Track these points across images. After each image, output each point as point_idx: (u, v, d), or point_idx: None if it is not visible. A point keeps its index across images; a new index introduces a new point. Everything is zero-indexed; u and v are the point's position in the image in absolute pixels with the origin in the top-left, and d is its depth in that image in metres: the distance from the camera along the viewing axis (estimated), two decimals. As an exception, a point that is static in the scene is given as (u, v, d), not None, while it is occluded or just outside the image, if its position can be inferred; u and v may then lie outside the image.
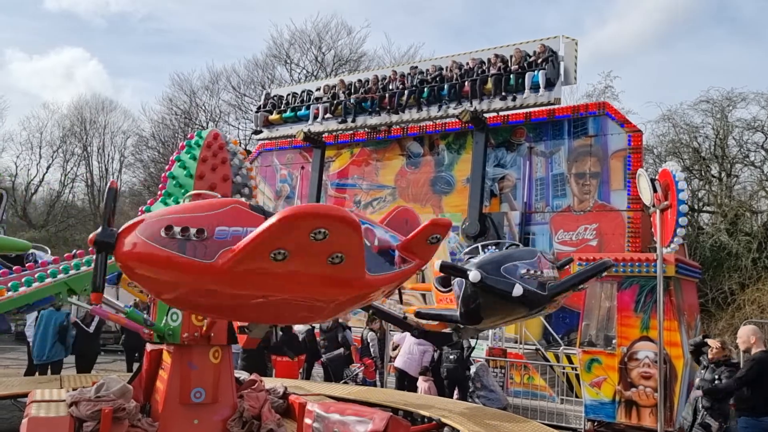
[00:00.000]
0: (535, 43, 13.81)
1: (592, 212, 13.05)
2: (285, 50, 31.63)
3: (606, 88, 23.05)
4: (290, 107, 17.35)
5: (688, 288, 10.22)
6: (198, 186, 5.14)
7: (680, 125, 20.59)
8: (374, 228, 3.95)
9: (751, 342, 6.57)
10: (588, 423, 9.49)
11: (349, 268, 3.30)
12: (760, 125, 19.32)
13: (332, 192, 16.79)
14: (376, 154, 16.23)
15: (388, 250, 3.93)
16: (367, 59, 31.14)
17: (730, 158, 20.01)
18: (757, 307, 15.91)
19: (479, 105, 14.02)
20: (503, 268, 4.93)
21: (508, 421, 6.18)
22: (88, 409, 4.49)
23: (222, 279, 3.34)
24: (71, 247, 29.39)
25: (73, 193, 37.06)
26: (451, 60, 14.92)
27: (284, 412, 5.56)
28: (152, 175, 32.25)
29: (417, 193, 15.37)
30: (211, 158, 5.21)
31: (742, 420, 6.43)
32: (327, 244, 3.13)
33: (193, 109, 33.12)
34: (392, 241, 4.04)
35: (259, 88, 30.42)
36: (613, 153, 13.01)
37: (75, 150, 36.03)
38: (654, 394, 8.48)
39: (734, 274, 17.15)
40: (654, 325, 7.92)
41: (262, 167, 18.08)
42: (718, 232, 18.61)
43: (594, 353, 9.51)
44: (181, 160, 5.26)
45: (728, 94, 19.57)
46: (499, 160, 14.41)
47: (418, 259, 3.99)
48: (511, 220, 13.83)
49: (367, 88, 15.81)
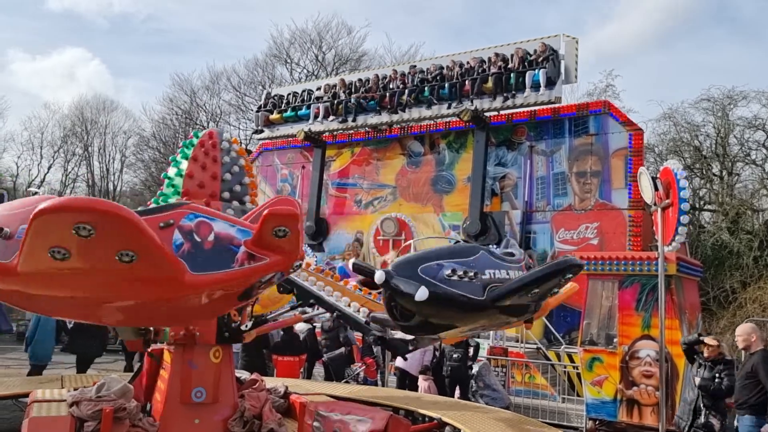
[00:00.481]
0: (536, 42, 13.79)
1: (593, 211, 13.04)
2: (285, 50, 31.67)
3: (607, 87, 23.05)
4: (291, 107, 17.34)
5: (690, 286, 10.21)
6: (187, 184, 5.13)
7: (681, 124, 20.61)
8: (212, 221, 3.65)
9: (752, 340, 6.57)
10: (589, 422, 9.48)
11: (146, 266, 3.12)
12: (761, 123, 19.32)
13: (333, 191, 16.79)
14: (377, 153, 16.22)
15: (226, 246, 3.63)
16: (368, 59, 31.17)
17: (731, 157, 20.01)
18: (758, 306, 15.90)
19: (480, 104, 14.01)
20: (422, 267, 4.17)
21: (509, 420, 6.17)
22: (89, 408, 4.49)
23: (19, 280, 3.24)
24: (72, 247, 29.51)
25: (74, 193, 37.08)
26: (451, 59, 14.91)
27: (285, 412, 5.55)
28: (153, 175, 32.28)
29: (418, 192, 15.36)
30: (203, 157, 5.19)
31: (747, 419, 6.41)
32: (101, 240, 2.96)
33: (193, 109, 33.17)
34: (238, 236, 3.70)
35: (259, 87, 30.43)
36: (614, 152, 13.00)
37: (76, 150, 36.13)
38: (655, 393, 8.46)
39: (735, 272, 17.14)
40: (655, 324, 7.91)
41: (263, 167, 18.09)
42: (719, 230, 18.61)
43: (595, 352, 9.50)
44: (175, 160, 5.26)
45: (729, 92, 19.59)
46: (499, 159, 14.40)
47: (276, 255, 3.62)
48: (512, 219, 13.82)
49: (368, 88, 15.80)
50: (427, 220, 14.91)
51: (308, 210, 16.60)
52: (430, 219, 14.93)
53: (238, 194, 5.19)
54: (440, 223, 14.81)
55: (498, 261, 4.56)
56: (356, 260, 4.88)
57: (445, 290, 3.99)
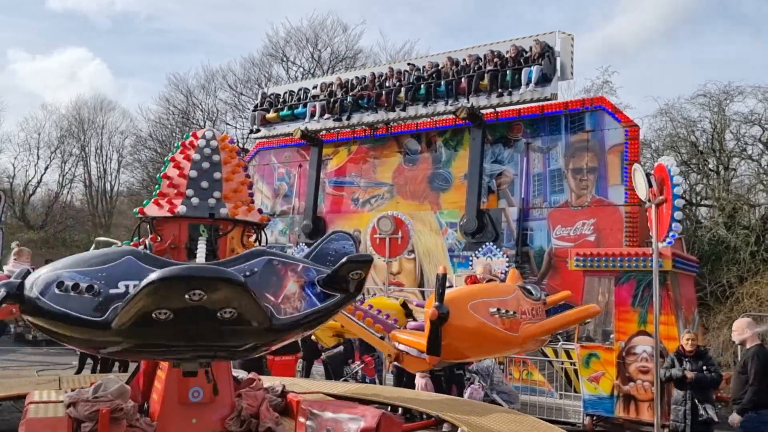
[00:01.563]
0: (531, 39, 13.80)
1: (589, 207, 13.06)
2: (281, 48, 31.63)
3: (604, 84, 23.05)
4: (287, 105, 17.34)
5: (686, 282, 10.24)
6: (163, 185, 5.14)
7: (678, 119, 20.61)
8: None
9: (746, 335, 6.61)
10: (587, 418, 9.52)
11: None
12: (757, 119, 19.32)
13: (330, 190, 16.80)
14: (374, 151, 16.23)
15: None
16: (363, 56, 31.14)
17: (728, 152, 20.02)
18: (755, 300, 15.93)
19: (476, 101, 14.02)
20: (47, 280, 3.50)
21: (507, 417, 6.19)
22: (86, 409, 4.51)
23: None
24: (70, 248, 29.42)
25: (71, 193, 37.07)
26: (447, 56, 14.91)
27: (282, 411, 5.57)
28: (150, 175, 32.23)
29: (415, 190, 15.38)
30: (179, 157, 5.17)
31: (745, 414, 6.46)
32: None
33: (190, 109, 33.11)
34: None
35: (255, 86, 30.40)
36: (610, 148, 13.02)
37: (73, 150, 36.02)
38: (652, 389, 8.50)
39: (732, 267, 17.16)
40: (651, 320, 7.93)
41: (260, 166, 18.10)
42: (716, 225, 18.64)
43: (592, 348, 9.54)
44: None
45: (725, 87, 19.58)
46: (496, 157, 14.42)
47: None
48: (509, 216, 13.85)
49: (364, 86, 15.81)
50: (424, 218, 14.94)
51: (305, 209, 16.62)
52: (428, 217, 14.95)
53: (206, 191, 5.06)
54: (437, 220, 14.84)
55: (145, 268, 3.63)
56: None
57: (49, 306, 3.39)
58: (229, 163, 5.19)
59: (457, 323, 4.50)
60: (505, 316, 4.68)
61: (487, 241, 13.53)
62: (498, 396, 9.37)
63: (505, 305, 4.80)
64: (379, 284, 14.44)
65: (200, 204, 4.93)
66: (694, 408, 7.13)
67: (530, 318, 5.01)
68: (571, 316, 5.64)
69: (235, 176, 5.17)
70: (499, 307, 4.70)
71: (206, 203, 4.95)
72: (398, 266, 15.04)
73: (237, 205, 5.07)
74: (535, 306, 5.17)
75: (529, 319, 4.99)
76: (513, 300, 4.87)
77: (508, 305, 4.85)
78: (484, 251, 13.15)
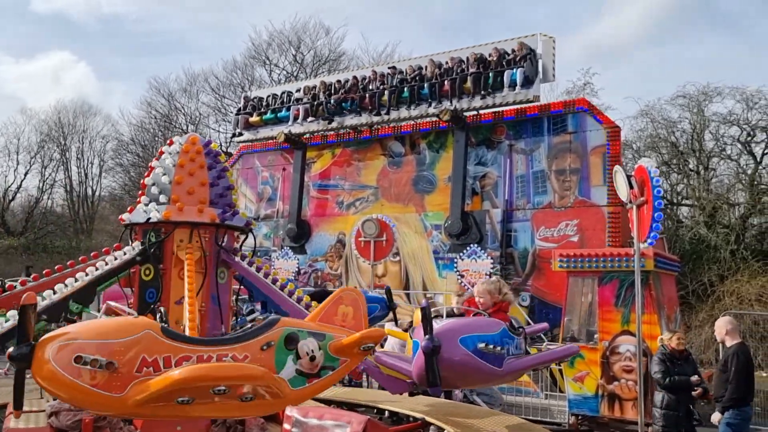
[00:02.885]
0: (513, 42, 13.90)
1: (572, 208, 13.16)
2: (264, 51, 31.55)
3: (585, 85, 23.27)
4: (270, 109, 17.29)
5: (668, 281, 10.36)
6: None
7: (658, 120, 20.90)
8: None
9: (724, 333, 6.70)
10: (572, 417, 9.58)
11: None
12: (735, 119, 19.64)
13: (314, 193, 16.77)
14: (358, 154, 16.23)
15: None
16: (347, 58, 31.18)
17: (707, 152, 20.31)
18: (736, 298, 16.17)
19: (459, 104, 14.09)
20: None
21: (492, 418, 6.22)
22: (69, 419, 4.46)
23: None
24: (51, 254, 29.09)
25: (51, 199, 36.63)
26: (430, 59, 14.97)
27: (268, 416, 5.56)
28: (132, 179, 31.97)
29: (399, 192, 15.40)
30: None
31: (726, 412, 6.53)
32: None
33: (172, 113, 32.89)
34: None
35: (238, 89, 30.28)
36: (592, 149, 13.14)
37: (53, 155, 35.61)
38: (635, 387, 8.58)
39: (713, 266, 17.41)
40: (634, 319, 8.01)
41: (243, 169, 18.01)
42: (696, 225, 18.91)
43: (577, 348, 9.60)
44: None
45: (704, 88, 19.89)
46: (479, 158, 14.49)
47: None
48: (492, 218, 13.91)
49: (348, 89, 15.81)
50: (409, 221, 14.96)
51: (290, 212, 16.57)
52: (412, 219, 14.97)
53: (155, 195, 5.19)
54: (422, 223, 14.86)
55: None
56: None
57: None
58: (185, 166, 5.23)
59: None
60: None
61: (472, 243, 13.59)
62: (478, 398, 9.41)
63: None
64: (364, 287, 14.43)
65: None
66: (689, 412, 7.11)
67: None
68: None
69: (190, 178, 5.20)
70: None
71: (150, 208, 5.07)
72: (383, 269, 15.05)
73: (180, 207, 5.09)
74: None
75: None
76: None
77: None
78: (469, 253, 13.20)
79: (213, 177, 5.38)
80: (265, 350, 3.69)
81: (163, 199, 5.14)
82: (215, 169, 5.42)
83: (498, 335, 4.96)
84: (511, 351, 5.09)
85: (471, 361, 4.66)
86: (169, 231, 5.13)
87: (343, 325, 4.08)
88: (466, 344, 4.67)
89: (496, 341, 4.89)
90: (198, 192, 5.21)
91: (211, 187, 5.32)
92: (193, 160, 5.30)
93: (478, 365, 4.73)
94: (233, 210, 5.42)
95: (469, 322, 5.12)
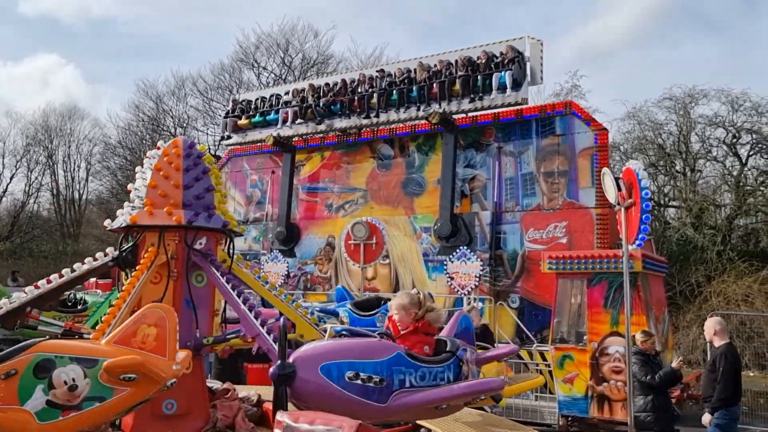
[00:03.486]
0: (501, 44, 13.97)
1: (561, 210, 13.23)
2: (252, 54, 31.47)
3: (573, 88, 23.42)
4: (259, 112, 17.26)
5: (656, 282, 10.44)
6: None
7: (645, 122, 21.07)
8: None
9: (712, 334, 6.76)
10: (562, 419, 9.62)
11: None
12: (721, 121, 19.83)
13: (303, 196, 16.74)
14: (347, 157, 16.23)
15: None
16: (335, 61, 31.17)
17: (693, 154, 20.50)
18: (722, 299, 16.31)
19: (448, 106, 14.12)
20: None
21: (482, 420, 6.22)
22: (56, 425, 4.41)
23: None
24: (37, 259, 28.84)
25: (38, 203, 36.29)
26: (418, 62, 15.00)
27: (258, 420, 5.52)
28: (120, 183, 31.74)
29: (389, 195, 15.41)
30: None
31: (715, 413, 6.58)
32: None
33: (160, 116, 32.71)
34: None
35: (226, 92, 30.19)
36: (580, 151, 13.21)
37: (39, 159, 35.30)
38: (624, 388, 8.63)
39: (700, 266, 17.55)
40: (623, 321, 8.05)
41: (232, 172, 17.95)
42: (683, 226, 19.06)
43: (566, 350, 9.65)
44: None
45: (690, 91, 20.08)
46: (468, 161, 14.53)
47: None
48: (482, 220, 13.95)
49: (336, 92, 15.81)
50: (398, 223, 14.96)
51: (279, 215, 16.52)
52: (402, 222, 14.98)
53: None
54: (412, 225, 14.87)
55: None
56: None
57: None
58: (162, 169, 5.21)
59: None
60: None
61: (461, 245, 13.62)
62: None
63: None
64: (354, 290, 14.41)
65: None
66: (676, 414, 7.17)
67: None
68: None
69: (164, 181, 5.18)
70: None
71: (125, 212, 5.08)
72: (373, 272, 15.04)
73: (149, 210, 5.08)
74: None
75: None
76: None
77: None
78: (458, 255, 13.21)
79: (189, 179, 5.29)
80: (5, 379, 3.27)
81: (139, 203, 5.12)
82: (194, 171, 5.30)
83: (381, 363, 4.05)
84: (408, 382, 4.10)
85: (334, 393, 3.85)
86: (138, 235, 5.11)
87: (142, 347, 3.55)
88: (330, 372, 3.88)
89: (377, 371, 3.99)
90: (171, 194, 5.16)
91: (186, 189, 5.24)
92: (170, 162, 5.26)
93: (343, 398, 3.87)
94: (210, 212, 5.32)
95: (343, 346, 4.18)
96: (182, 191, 5.17)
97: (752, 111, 19.31)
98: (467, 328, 5.36)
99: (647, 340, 7.25)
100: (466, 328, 5.33)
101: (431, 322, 4.50)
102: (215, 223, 5.31)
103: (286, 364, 3.82)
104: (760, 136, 19.33)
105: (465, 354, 4.72)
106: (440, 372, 4.38)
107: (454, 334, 5.11)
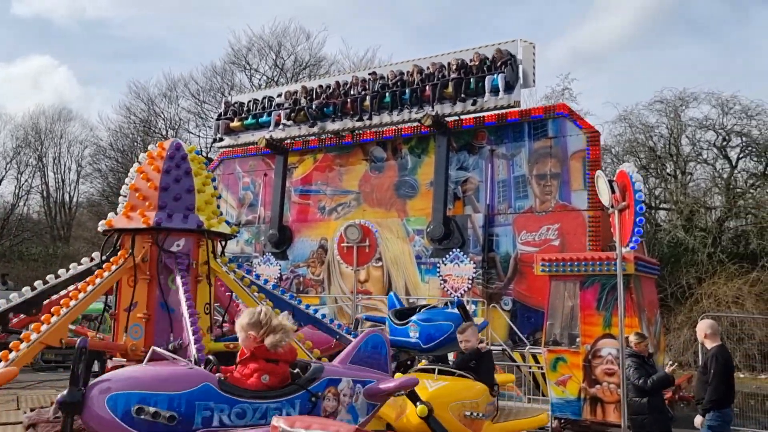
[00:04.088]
0: (494, 47, 14.00)
1: (553, 212, 13.26)
2: (244, 56, 31.38)
3: (564, 90, 23.48)
4: (251, 114, 17.22)
5: (648, 284, 10.46)
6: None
7: (636, 125, 21.12)
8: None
9: (704, 336, 6.77)
10: (554, 421, 9.61)
11: None
12: (711, 124, 19.92)
13: (296, 198, 16.70)
14: (340, 159, 16.20)
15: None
16: (327, 63, 31.12)
17: (684, 156, 20.59)
18: (713, 301, 16.37)
19: (440, 109, 14.13)
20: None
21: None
22: (47, 431, 4.37)
23: None
24: (27, 262, 28.56)
25: (28, 205, 35.98)
26: (411, 64, 15.01)
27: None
28: (111, 185, 31.53)
29: (381, 197, 15.40)
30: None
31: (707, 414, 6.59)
32: None
33: (152, 118, 32.54)
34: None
35: (218, 94, 30.08)
36: (572, 154, 13.26)
37: (29, 161, 35.00)
38: (618, 390, 8.64)
39: (691, 268, 17.61)
40: (616, 323, 8.06)
41: (225, 175, 17.89)
42: (674, 228, 19.12)
43: (559, 352, 9.64)
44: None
45: (681, 94, 20.17)
46: (461, 163, 14.55)
47: None
48: (474, 223, 13.96)
49: (329, 94, 15.79)
50: (391, 226, 14.95)
51: (271, 218, 16.47)
52: (394, 224, 14.97)
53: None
54: (404, 228, 14.87)
55: None
56: None
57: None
58: (143, 172, 5.21)
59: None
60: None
61: (454, 248, 13.62)
62: None
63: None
64: (347, 293, 14.38)
65: None
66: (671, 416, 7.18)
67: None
68: None
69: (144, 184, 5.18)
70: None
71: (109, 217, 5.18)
72: (366, 274, 15.01)
73: (126, 213, 5.10)
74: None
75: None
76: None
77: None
78: (451, 258, 13.21)
79: (168, 180, 5.24)
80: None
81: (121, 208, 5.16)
82: (175, 172, 5.25)
83: (180, 397, 3.48)
84: (217, 420, 3.57)
85: (116, 428, 3.37)
86: (115, 239, 5.12)
87: None
88: (115, 404, 3.39)
89: (172, 405, 3.45)
90: (149, 197, 5.15)
91: (163, 190, 5.20)
92: (151, 164, 5.25)
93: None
94: (186, 213, 5.26)
95: (143, 374, 3.61)
96: (159, 193, 5.15)
97: (742, 114, 19.42)
98: (376, 351, 4.58)
99: (641, 342, 7.24)
100: (374, 350, 4.56)
101: (268, 347, 3.77)
102: (190, 224, 5.24)
103: (74, 392, 3.40)
104: (750, 139, 19.44)
105: (334, 386, 4.05)
106: (274, 409, 3.71)
107: (353, 357, 4.42)
